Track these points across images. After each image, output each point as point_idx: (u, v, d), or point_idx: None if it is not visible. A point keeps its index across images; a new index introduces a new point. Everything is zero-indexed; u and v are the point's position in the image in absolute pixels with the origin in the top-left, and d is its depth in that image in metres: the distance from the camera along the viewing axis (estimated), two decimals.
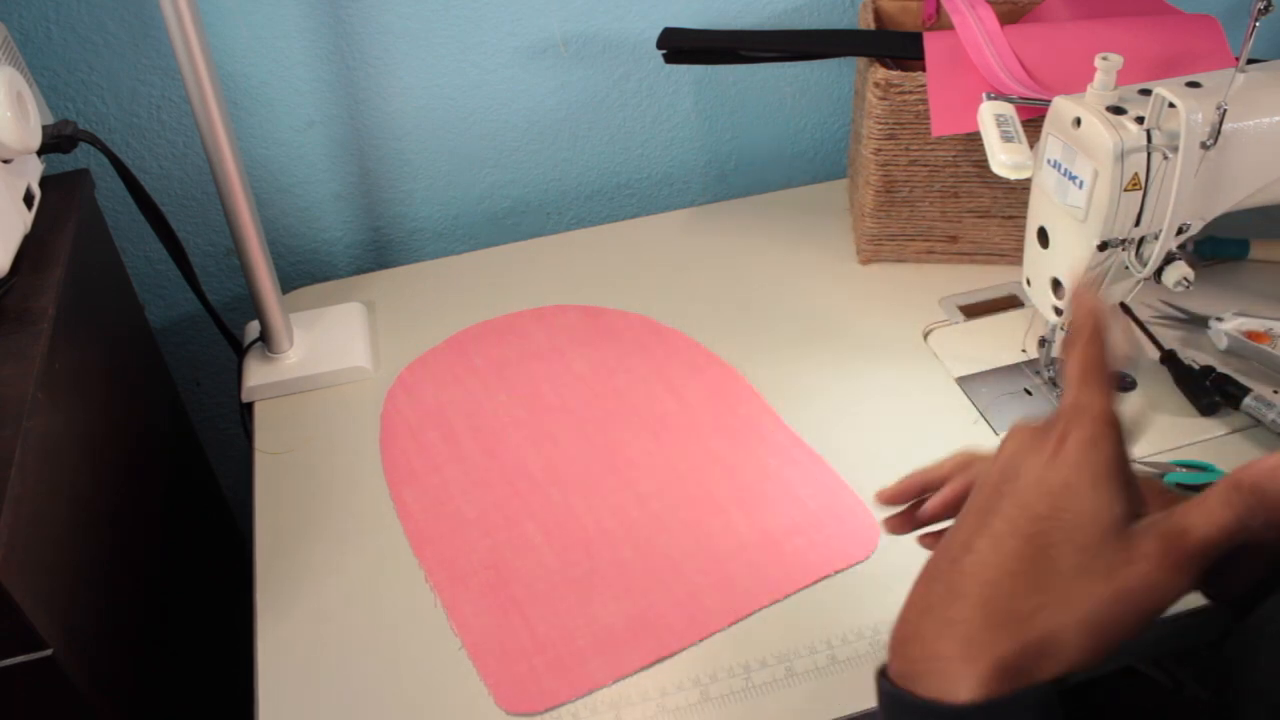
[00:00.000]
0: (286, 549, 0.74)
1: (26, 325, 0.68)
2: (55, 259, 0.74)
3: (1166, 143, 0.64)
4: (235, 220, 0.80)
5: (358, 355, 0.89)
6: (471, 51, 0.97)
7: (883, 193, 0.92)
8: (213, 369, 1.10)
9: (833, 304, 0.93)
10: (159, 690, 0.78)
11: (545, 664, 0.66)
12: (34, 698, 0.62)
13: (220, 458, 1.14)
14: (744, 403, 0.83)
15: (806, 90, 1.10)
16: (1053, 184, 0.70)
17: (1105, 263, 0.70)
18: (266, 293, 0.85)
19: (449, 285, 0.98)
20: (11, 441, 0.60)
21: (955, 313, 0.91)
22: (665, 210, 1.08)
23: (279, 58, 0.92)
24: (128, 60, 0.89)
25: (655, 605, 0.69)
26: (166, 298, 1.04)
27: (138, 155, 0.94)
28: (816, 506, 0.74)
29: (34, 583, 0.58)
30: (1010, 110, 0.75)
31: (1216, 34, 0.82)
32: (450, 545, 0.74)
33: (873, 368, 0.86)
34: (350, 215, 1.05)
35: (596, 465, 0.79)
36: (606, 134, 1.07)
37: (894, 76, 0.85)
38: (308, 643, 0.68)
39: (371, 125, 0.99)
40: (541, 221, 1.11)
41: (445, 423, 0.83)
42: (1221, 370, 0.81)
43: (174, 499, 0.93)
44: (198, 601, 0.92)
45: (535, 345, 0.90)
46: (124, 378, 0.85)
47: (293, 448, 0.82)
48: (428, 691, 0.65)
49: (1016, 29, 0.85)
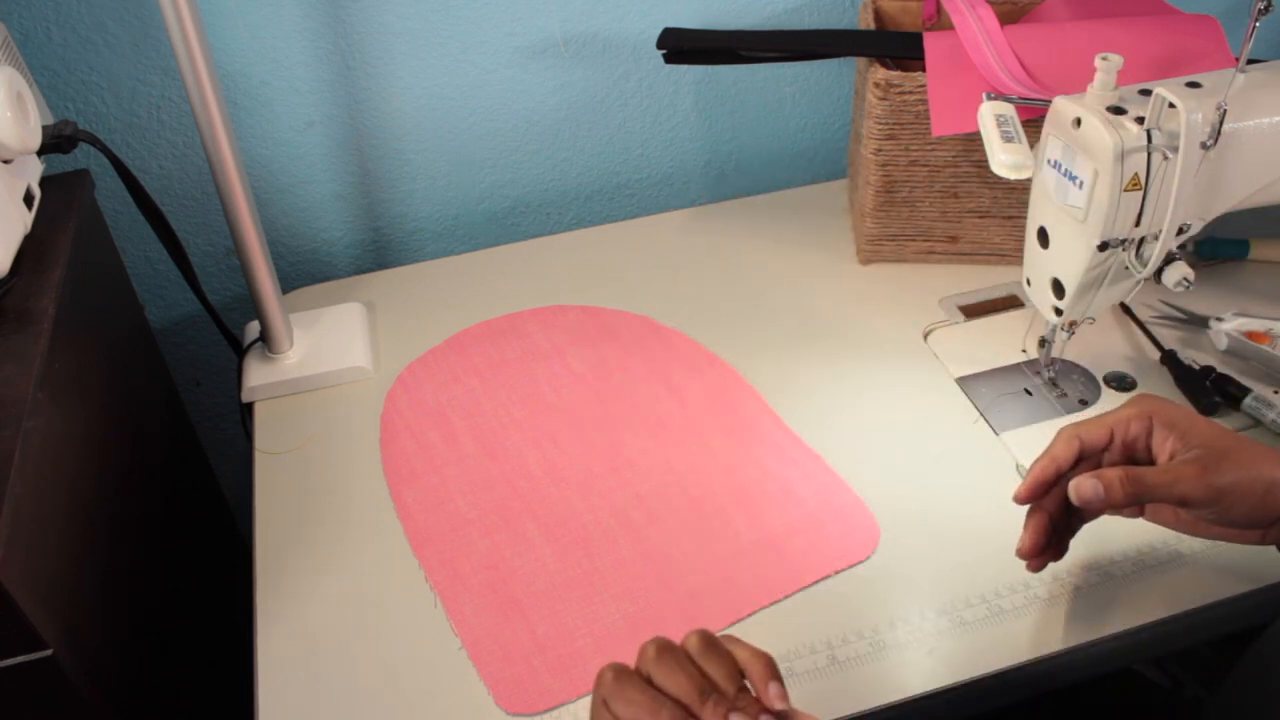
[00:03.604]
0: (286, 549, 0.74)
1: (26, 325, 0.68)
2: (55, 259, 0.74)
3: (1166, 143, 0.64)
4: (235, 220, 0.80)
5: (358, 355, 0.89)
6: (471, 51, 0.97)
7: (883, 193, 0.92)
8: (213, 369, 1.10)
9: (833, 304, 0.93)
10: (159, 690, 0.78)
11: (545, 664, 0.66)
12: (34, 698, 0.62)
13: (220, 458, 1.14)
14: (744, 403, 0.83)
15: (806, 90, 1.10)
16: (1053, 184, 0.70)
17: (1105, 263, 0.70)
18: (266, 293, 0.85)
19: (449, 285, 0.98)
20: (11, 441, 0.60)
21: (955, 313, 0.91)
22: (665, 210, 1.08)
23: (279, 58, 0.92)
24: (128, 60, 0.89)
25: (655, 605, 0.69)
26: (166, 298, 1.04)
27: (138, 155, 0.94)
28: (816, 506, 0.74)
29: (34, 583, 0.58)
30: (1010, 110, 0.75)
31: (1216, 34, 0.82)
32: (450, 545, 0.74)
33: (873, 368, 0.86)
34: (350, 215, 1.05)
35: (596, 465, 0.79)
36: (606, 134, 1.07)
37: (894, 76, 0.85)
38: (308, 643, 0.68)
39: (371, 125, 0.99)
40: (541, 221, 1.11)
41: (445, 423, 0.83)
42: (1222, 370, 0.80)
43: (174, 499, 0.93)
44: (198, 601, 0.92)
45: (535, 345, 0.90)
46: (124, 378, 0.85)
47: (293, 448, 0.82)
48: (428, 691, 0.65)
49: (1016, 29, 0.85)
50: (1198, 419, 0.59)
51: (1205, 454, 0.57)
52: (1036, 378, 0.84)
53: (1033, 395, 0.82)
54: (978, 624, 0.66)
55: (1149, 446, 0.60)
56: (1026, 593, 0.68)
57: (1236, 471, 0.56)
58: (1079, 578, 0.68)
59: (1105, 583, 0.68)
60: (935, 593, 0.68)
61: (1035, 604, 0.67)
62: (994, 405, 0.82)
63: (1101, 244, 0.68)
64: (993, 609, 0.67)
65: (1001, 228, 0.93)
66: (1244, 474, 0.56)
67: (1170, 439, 0.59)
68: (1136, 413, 0.60)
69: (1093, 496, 0.58)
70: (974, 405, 0.82)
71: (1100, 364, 0.84)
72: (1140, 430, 0.60)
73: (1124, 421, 0.60)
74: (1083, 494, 0.58)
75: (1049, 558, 0.63)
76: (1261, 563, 0.68)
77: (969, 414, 0.81)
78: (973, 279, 0.94)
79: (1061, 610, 0.67)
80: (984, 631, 0.66)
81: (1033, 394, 0.82)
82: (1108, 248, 0.68)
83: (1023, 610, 0.67)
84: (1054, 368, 0.83)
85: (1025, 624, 0.66)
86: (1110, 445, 0.61)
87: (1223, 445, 0.57)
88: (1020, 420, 0.80)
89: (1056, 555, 0.63)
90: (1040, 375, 0.83)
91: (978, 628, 0.66)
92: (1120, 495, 0.57)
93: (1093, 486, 0.57)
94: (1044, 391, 0.82)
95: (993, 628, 0.66)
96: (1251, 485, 0.56)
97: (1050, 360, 0.82)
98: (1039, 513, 0.62)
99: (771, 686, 0.46)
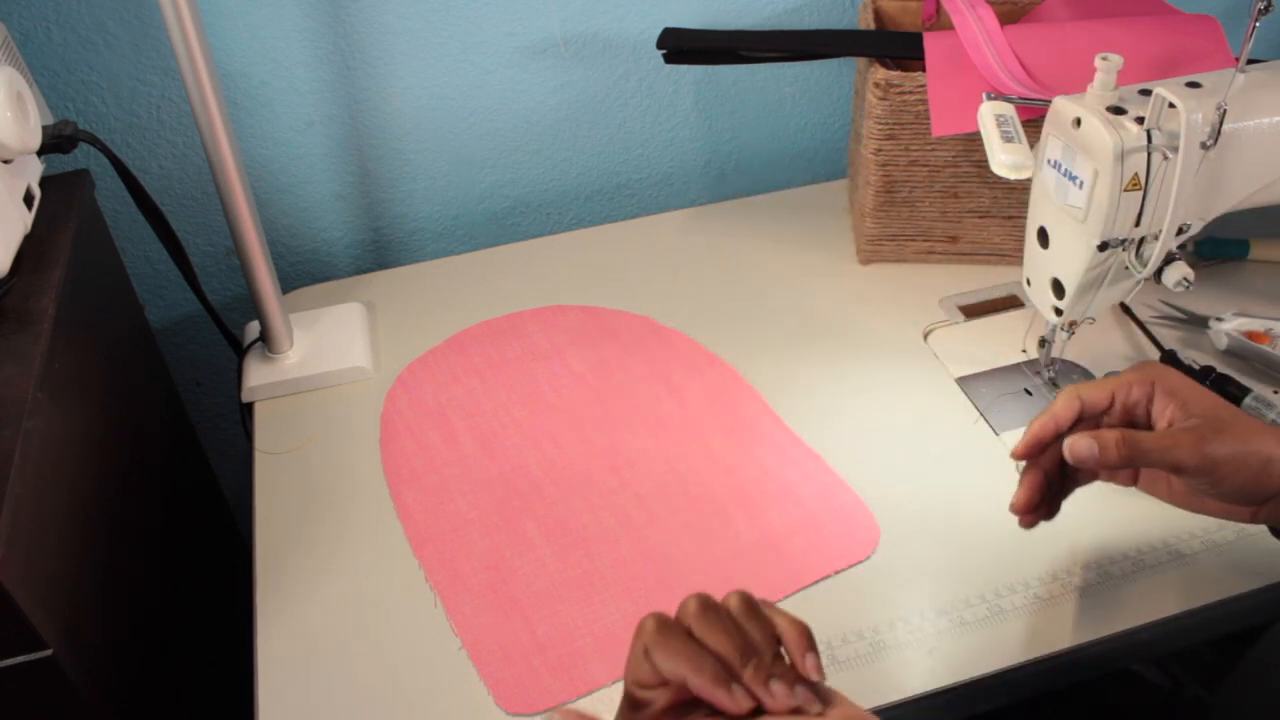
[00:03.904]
0: (286, 549, 0.74)
1: (26, 325, 0.68)
2: (55, 259, 0.74)
3: (1166, 143, 0.64)
4: (235, 220, 0.80)
5: (358, 355, 0.89)
6: (471, 51, 0.97)
7: (883, 193, 0.92)
8: (213, 369, 1.10)
9: (833, 304, 0.93)
10: (159, 690, 0.78)
11: (545, 664, 0.66)
12: (34, 698, 0.62)
13: (220, 458, 1.14)
14: (744, 403, 0.83)
15: (806, 90, 1.10)
16: (1053, 184, 0.70)
17: (1105, 263, 0.70)
18: (266, 293, 0.85)
19: (449, 285, 0.98)
20: (11, 441, 0.60)
21: (955, 313, 0.91)
22: (665, 210, 1.08)
23: (279, 58, 0.92)
24: (128, 60, 0.89)
25: (655, 605, 0.68)
26: (166, 298, 1.04)
27: (138, 155, 0.94)
28: (816, 506, 0.74)
29: (34, 583, 0.58)
30: (1010, 110, 0.75)
31: (1216, 34, 0.82)
32: (450, 545, 0.74)
33: (873, 368, 0.86)
34: (350, 215, 1.05)
35: (596, 465, 0.79)
36: (606, 134, 1.07)
37: (894, 76, 0.85)
38: (308, 643, 0.68)
39: (371, 125, 0.99)
40: (541, 221, 1.11)
41: (445, 423, 0.83)
42: (1222, 370, 0.80)
43: (174, 499, 0.93)
44: (198, 601, 0.92)
45: (535, 345, 0.90)
46: (124, 378, 0.85)
47: (293, 448, 0.82)
48: (428, 691, 0.65)
49: (1016, 29, 0.85)
50: (1200, 390, 0.59)
51: (1203, 424, 0.57)
52: (1036, 378, 0.84)
53: (1033, 395, 0.82)
54: (978, 624, 0.66)
55: (1149, 413, 0.60)
56: (1026, 593, 0.68)
57: (1233, 444, 0.56)
58: (1079, 578, 0.68)
59: (1105, 583, 0.68)
60: (935, 593, 0.68)
61: (1035, 604, 0.67)
62: (994, 405, 0.82)
63: (1101, 244, 0.68)
64: (993, 609, 0.67)
65: (1001, 228, 0.93)
66: (1241, 447, 0.56)
67: (1171, 406, 0.58)
68: (1139, 378, 0.60)
69: (1087, 455, 0.57)
70: (974, 405, 0.82)
71: (1100, 364, 0.84)
72: (1142, 396, 0.59)
73: (1126, 386, 0.60)
74: (1077, 452, 0.58)
75: (1041, 516, 0.62)
76: (1261, 563, 0.68)
77: (969, 414, 0.81)
78: (973, 279, 0.94)
79: (1061, 610, 0.67)
80: (984, 631, 0.66)
81: (1033, 394, 0.82)
82: (1108, 248, 0.68)
83: (1023, 610, 0.67)
84: (1054, 368, 0.83)
85: (1025, 624, 0.66)
86: (1111, 409, 0.60)
87: (1222, 417, 0.57)
88: (1020, 420, 0.80)
89: (1048, 515, 0.63)
90: (1040, 375, 0.83)
91: (978, 628, 0.66)
92: (1114, 456, 0.57)
93: (1088, 445, 0.57)
94: (1044, 392, 0.82)
95: (993, 628, 0.66)
96: (1247, 459, 0.56)
97: (1050, 360, 0.82)
98: (1035, 470, 0.62)
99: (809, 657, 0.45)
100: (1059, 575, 0.68)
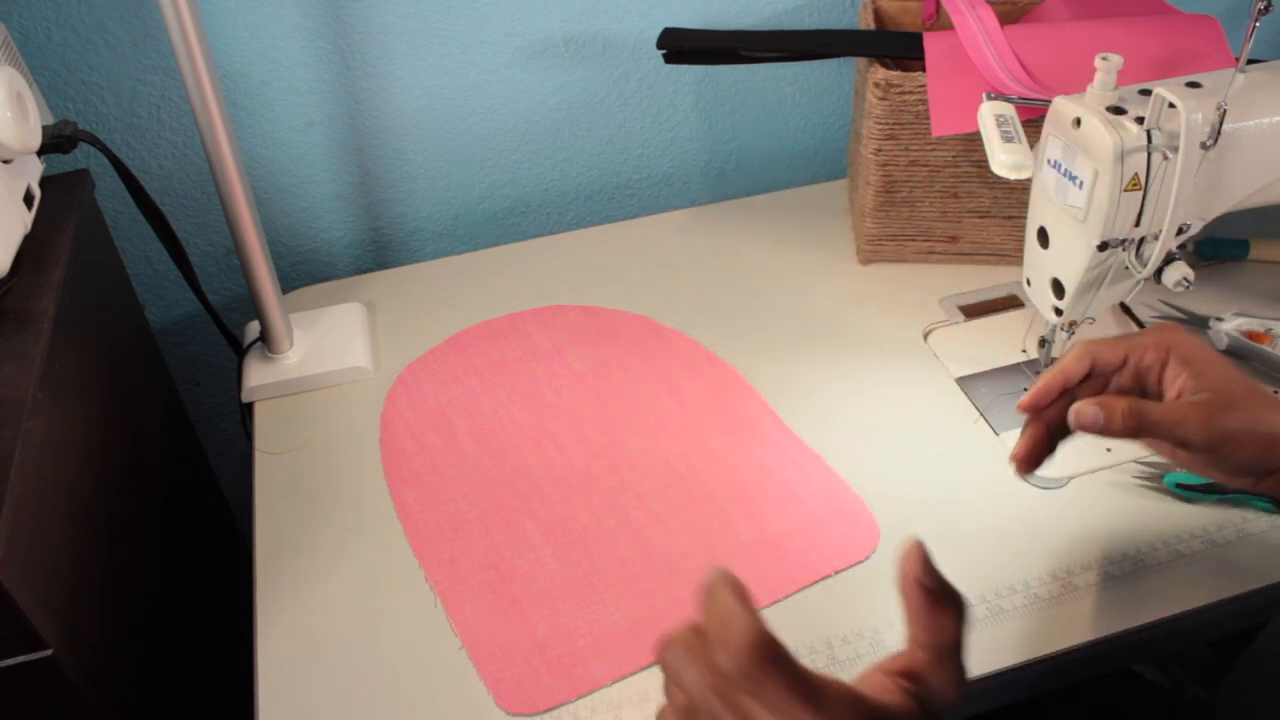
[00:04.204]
0: (286, 549, 0.74)
1: (26, 325, 0.68)
2: (55, 259, 0.74)
3: (1166, 143, 0.64)
4: (235, 220, 0.80)
5: (358, 355, 0.89)
6: (471, 51, 0.97)
7: (883, 193, 0.92)
8: (213, 369, 1.10)
9: (833, 304, 0.93)
10: (159, 690, 0.78)
11: (545, 664, 0.66)
12: (34, 698, 0.62)
13: (220, 458, 1.14)
14: (744, 403, 0.83)
15: (806, 90, 1.10)
16: (1053, 184, 0.70)
17: (1105, 263, 0.70)
18: (266, 293, 0.85)
19: (449, 285, 0.98)
20: (11, 441, 0.60)
21: (955, 313, 0.91)
22: (665, 210, 1.08)
23: (279, 58, 0.92)
24: (128, 60, 0.89)
25: (655, 605, 0.69)
26: (166, 298, 1.04)
27: (138, 155, 0.94)
28: (816, 506, 0.74)
29: (34, 583, 0.58)
30: (1010, 110, 0.75)
31: (1216, 34, 0.82)
32: (450, 545, 0.74)
33: (873, 368, 0.86)
34: (350, 215, 1.05)
35: (596, 465, 0.79)
36: (606, 134, 1.07)
37: (894, 76, 0.85)
38: (308, 643, 0.68)
39: (371, 125, 0.99)
40: (541, 221, 1.11)
41: (445, 423, 0.83)
42: None
43: (174, 499, 0.93)
44: (198, 601, 0.92)
45: (535, 345, 0.90)
46: (124, 378, 0.85)
47: (293, 448, 0.82)
48: (428, 691, 0.65)
49: (1016, 29, 0.85)
50: (1215, 358, 0.57)
51: (1213, 399, 0.55)
52: (1036, 378, 0.84)
53: None
54: (978, 624, 0.66)
55: (1160, 379, 0.58)
56: (1026, 593, 0.68)
57: (1242, 421, 0.55)
58: (1079, 578, 0.68)
59: (1105, 583, 0.68)
60: None
61: (1035, 604, 0.67)
62: (994, 405, 0.82)
63: (1101, 244, 0.68)
64: (993, 609, 0.67)
65: (1001, 228, 0.93)
66: (1249, 424, 0.55)
67: (1183, 376, 0.57)
68: (1155, 341, 0.58)
69: (1092, 424, 0.56)
70: (974, 405, 0.82)
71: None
72: (1155, 360, 0.58)
73: (1140, 348, 0.58)
74: (1083, 420, 0.56)
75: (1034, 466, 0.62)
76: (1261, 563, 0.68)
77: (969, 414, 0.81)
78: (973, 279, 0.94)
79: (1061, 610, 0.67)
80: (984, 631, 0.66)
81: None
82: (1108, 248, 0.68)
83: (1023, 610, 0.67)
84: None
85: (1025, 624, 0.66)
86: (1122, 369, 0.59)
87: (1233, 392, 0.56)
88: (1020, 421, 0.80)
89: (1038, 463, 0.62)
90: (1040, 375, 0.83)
91: (978, 628, 0.66)
92: (1120, 427, 0.56)
93: (1094, 414, 0.56)
94: None
95: (992, 628, 0.66)
96: (1254, 436, 0.55)
97: (1050, 360, 0.82)
98: (1037, 423, 0.61)
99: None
100: (1059, 575, 0.68)
